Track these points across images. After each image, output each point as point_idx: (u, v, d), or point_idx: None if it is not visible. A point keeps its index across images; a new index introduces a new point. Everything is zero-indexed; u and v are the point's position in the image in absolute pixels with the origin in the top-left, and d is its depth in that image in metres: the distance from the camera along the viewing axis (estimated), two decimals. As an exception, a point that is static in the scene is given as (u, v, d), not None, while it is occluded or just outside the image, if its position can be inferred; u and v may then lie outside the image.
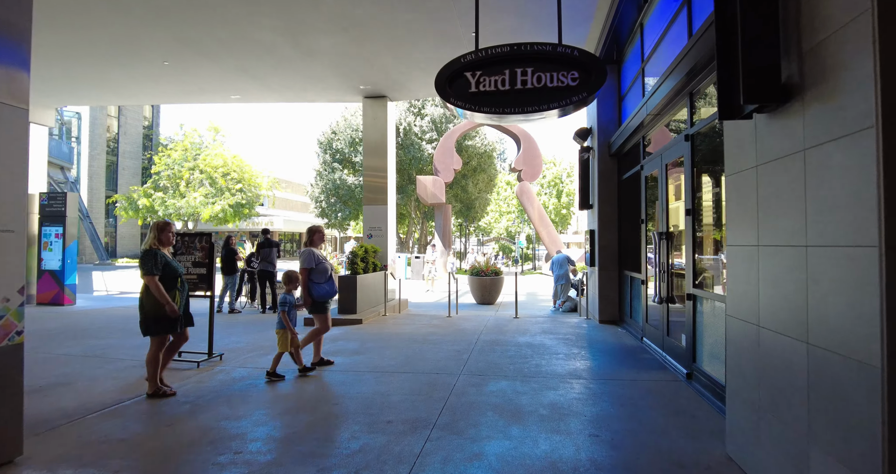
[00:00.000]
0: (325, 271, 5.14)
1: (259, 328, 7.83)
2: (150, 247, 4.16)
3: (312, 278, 5.09)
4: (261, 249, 9.93)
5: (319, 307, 5.17)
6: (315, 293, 5.08)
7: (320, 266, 5.15)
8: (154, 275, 4.04)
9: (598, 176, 7.83)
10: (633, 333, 6.67)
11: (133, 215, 24.18)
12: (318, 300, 5.13)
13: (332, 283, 5.19)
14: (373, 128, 10.40)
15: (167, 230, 4.27)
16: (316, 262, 5.09)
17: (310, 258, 5.07)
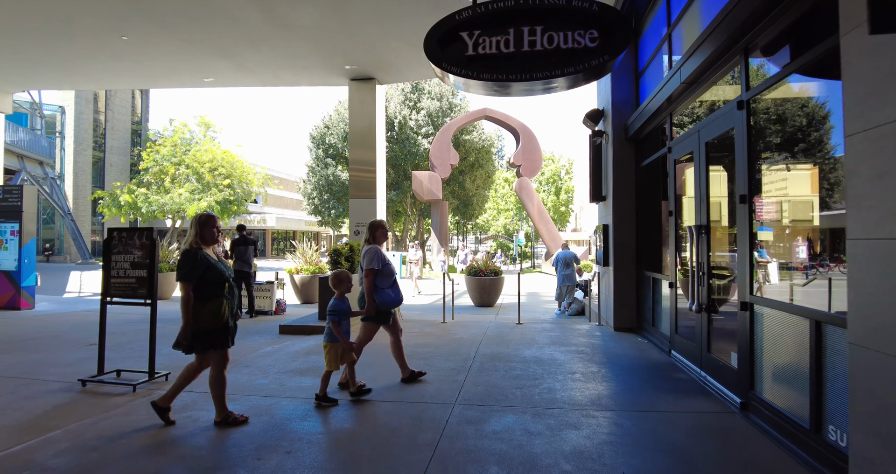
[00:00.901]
0: (390, 274, 4.35)
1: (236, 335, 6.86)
2: (189, 247, 3.39)
3: (378, 283, 4.26)
4: (235, 247, 8.97)
5: (382, 316, 4.36)
6: (379, 299, 4.24)
7: (387, 268, 4.29)
8: (189, 281, 3.27)
9: (612, 164, 6.89)
10: (658, 345, 5.74)
11: (116, 212, 23.12)
12: (384, 308, 4.29)
13: (397, 289, 4.42)
14: (360, 113, 9.43)
15: (211, 225, 3.48)
16: (382, 263, 4.24)
17: (376, 258, 4.23)
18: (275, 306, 9.39)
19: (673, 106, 5.23)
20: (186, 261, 3.30)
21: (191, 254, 3.34)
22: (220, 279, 3.39)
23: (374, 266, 4.21)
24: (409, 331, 7.07)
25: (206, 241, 3.45)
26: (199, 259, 3.32)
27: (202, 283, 3.31)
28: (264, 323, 8.21)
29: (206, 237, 3.45)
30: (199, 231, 3.42)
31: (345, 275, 4.03)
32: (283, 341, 6.52)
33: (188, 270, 3.27)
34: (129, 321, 8.37)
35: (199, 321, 3.30)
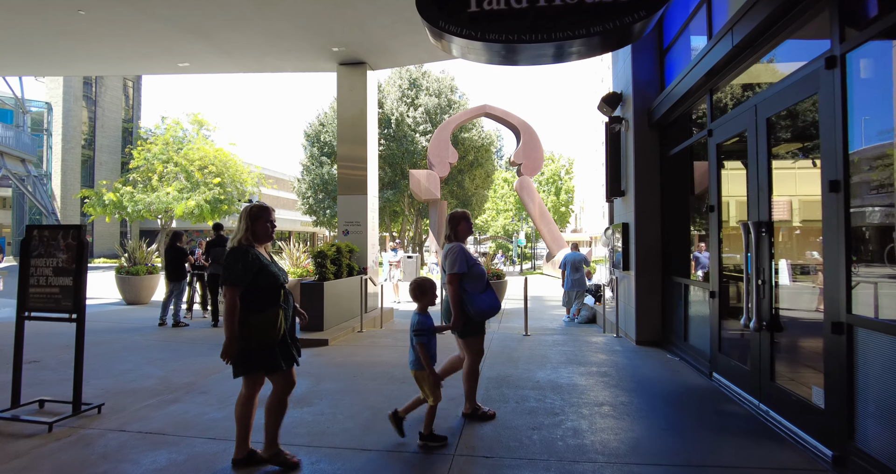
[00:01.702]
0: (480, 276, 3.49)
1: (199, 349, 6.00)
2: (238, 244, 2.75)
3: (465, 287, 3.42)
4: (211, 249, 8.09)
5: (476, 328, 3.50)
6: (473, 308, 3.38)
7: (475, 269, 3.45)
8: (238, 285, 2.63)
9: (633, 153, 6.04)
10: (693, 364, 4.88)
11: (101, 212, 22.23)
12: (478, 317, 3.43)
13: (492, 294, 3.50)
14: (350, 101, 8.57)
15: (264, 218, 2.83)
16: (469, 264, 3.44)
17: (460, 258, 3.42)
18: (256, 313, 8.51)
19: (715, 81, 4.37)
20: (235, 261, 2.65)
21: (240, 252, 2.68)
22: (274, 284, 2.74)
23: (459, 269, 3.37)
24: (403, 342, 6.20)
25: (259, 238, 2.79)
26: (251, 259, 2.67)
27: (253, 289, 2.67)
28: (241, 333, 7.33)
29: (259, 232, 2.78)
30: (251, 225, 2.76)
31: (429, 284, 3.20)
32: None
33: (237, 272, 2.62)
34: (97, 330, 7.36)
35: (248, 336, 2.63)
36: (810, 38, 3.17)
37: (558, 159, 58.77)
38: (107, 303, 11.86)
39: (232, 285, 2.61)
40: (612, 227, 6.89)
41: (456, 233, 3.57)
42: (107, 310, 10.43)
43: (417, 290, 3.19)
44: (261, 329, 2.62)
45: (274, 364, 2.68)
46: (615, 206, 6.91)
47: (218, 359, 5.57)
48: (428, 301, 3.19)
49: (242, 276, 2.61)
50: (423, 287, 3.18)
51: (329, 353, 5.67)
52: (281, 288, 2.77)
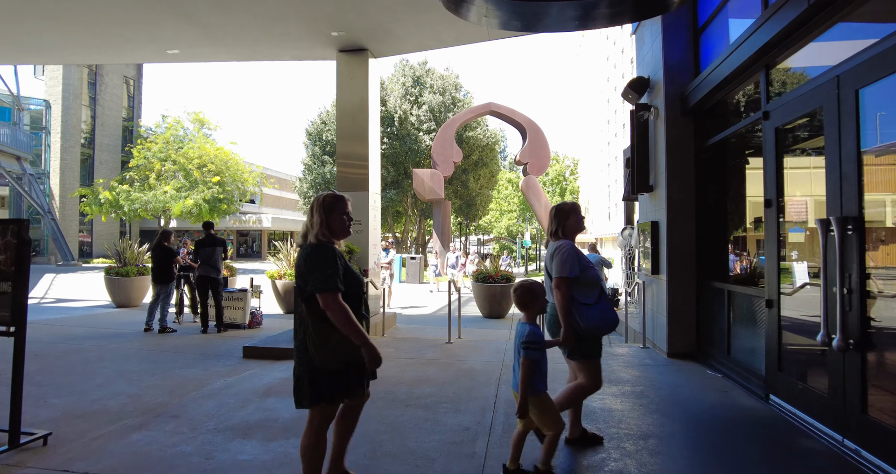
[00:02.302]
0: (593, 283, 2.89)
1: (183, 360, 5.40)
2: (318, 241, 2.26)
3: (576, 295, 2.82)
4: (200, 249, 7.50)
5: (589, 349, 2.91)
6: (585, 322, 2.78)
7: (588, 273, 2.86)
8: (337, 290, 2.17)
9: (665, 144, 5.41)
10: (741, 381, 4.25)
11: (98, 211, 21.70)
12: (591, 333, 2.82)
13: (607, 305, 2.88)
14: (349, 91, 7.97)
15: (340, 209, 2.33)
16: (581, 267, 2.85)
17: (571, 260, 2.82)
18: (248, 318, 7.93)
19: (774, 54, 3.74)
20: (324, 262, 2.17)
21: (326, 250, 2.21)
22: (358, 290, 2.32)
23: (570, 271, 2.78)
24: (407, 354, 5.58)
25: (336, 233, 2.30)
26: (337, 258, 2.22)
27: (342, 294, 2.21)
28: (232, 340, 6.74)
29: (335, 226, 2.29)
30: (325, 218, 2.27)
31: (538, 287, 2.60)
32: (243, 369, 5.05)
33: (331, 274, 2.15)
34: (76, 336, 6.73)
35: (328, 354, 2.18)
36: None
37: (563, 160, 58.16)
38: (95, 305, 11.31)
39: (330, 291, 2.12)
40: (640, 226, 6.27)
41: (564, 228, 2.96)
42: (93, 313, 9.87)
43: (527, 295, 2.57)
44: (342, 345, 2.17)
45: (360, 388, 2.27)
46: (642, 204, 6.29)
47: (199, 375, 4.99)
48: (539, 308, 2.59)
49: (337, 278, 2.14)
50: (534, 291, 2.56)
51: (324, 366, 5.05)
52: (361, 294, 2.33)
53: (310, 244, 2.24)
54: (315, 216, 2.27)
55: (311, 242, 2.25)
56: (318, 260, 2.17)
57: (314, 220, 2.27)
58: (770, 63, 3.87)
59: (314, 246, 2.22)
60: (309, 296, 2.16)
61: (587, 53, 60.73)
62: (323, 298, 2.11)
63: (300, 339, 2.23)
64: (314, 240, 2.25)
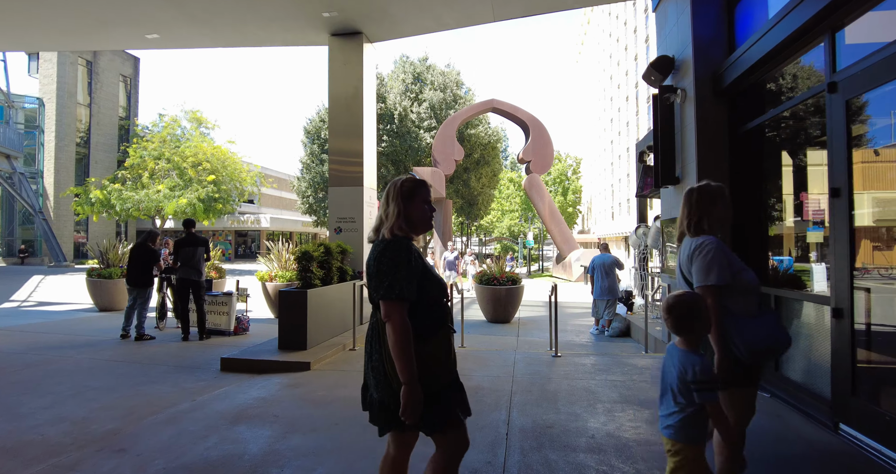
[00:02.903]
0: (751, 289, 2.14)
1: (153, 373, 4.78)
2: (393, 236, 1.81)
3: (730, 306, 2.09)
4: (180, 249, 6.88)
5: (747, 375, 2.09)
6: (744, 342, 2.01)
7: (743, 278, 2.12)
8: (402, 300, 1.70)
9: (696, 130, 4.79)
10: (798, 405, 3.62)
11: (89, 210, 21.12)
12: (755, 358, 2.04)
13: (772, 319, 2.11)
14: (343, 77, 7.36)
15: (420, 196, 1.88)
16: (733, 270, 2.11)
17: (719, 260, 2.09)
18: (233, 324, 7.31)
19: (842, 13, 3.12)
20: (395, 263, 1.72)
21: (401, 247, 1.75)
22: (441, 295, 1.85)
23: (717, 278, 2.06)
24: (403, 367, 4.98)
25: (416, 225, 1.85)
26: (415, 257, 1.76)
27: (418, 304, 1.76)
28: (213, 349, 6.13)
29: (415, 217, 1.84)
30: (404, 208, 1.82)
31: (701, 303, 1.89)
32: (217, 385, 4.43)
33: (401, 279, 1.70)
34: (44, 345, 6.01)
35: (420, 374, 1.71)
36: None
37: (565, 159, 57.54)
38: (77, 309, 10.72)
39: (399, 299, 1.68)
40: (663, 223, 5.64)
41: (709, 218, 2.22)
42: (72, 318, 9.27)
43: (690, 315, 1.86)
44: (431, 365, 1.72)
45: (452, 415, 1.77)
46: (665, 198, 5.66)
47: (166, 393, 4.37)
48: (704, 329, 1.90)
49: (409, 284, 1.70)
50: (698, 309, 1.87)
51: (309, 383, 4.43)
52: (444, 306, 1.87)
53: (383, 240, 1.79)
54: (391, 205, 1.82)
55: (385, 237, 1.79)
56: (390, 259, 1.72)
57: (390, 210, 1.82)
58: (837, 25, 3.24)
59: (388, 242, 1.76)
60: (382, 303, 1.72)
61: (589, 51, 60.15)
62: (385, 306, 1.68)
63: (375, 356, 1.77)
64: (389, 234, 1.79)
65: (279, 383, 4.46)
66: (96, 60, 34.37)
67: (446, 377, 1.78)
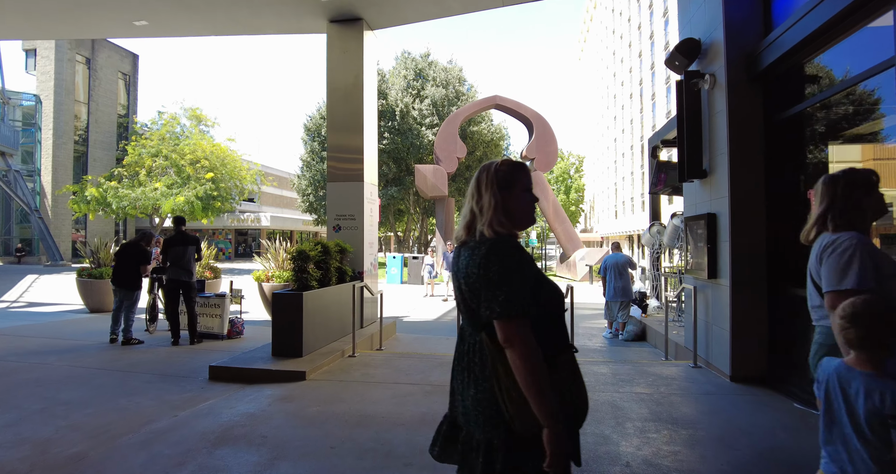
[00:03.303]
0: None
1: (133, 383, 4.38)
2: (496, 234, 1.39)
3: None
4: (170, 248, 6.49)
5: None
6: None
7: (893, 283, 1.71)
8: (526, 316, 1.28)
9: (727, 118, 4.37)
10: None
11: (85, 209, 20.73)
12: None
13: None
14: (342, 66, 6.95)
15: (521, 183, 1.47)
16: (882, 274, 1.68)
17: (863, 262, 1.68)
18: (227, 327, 6.91)
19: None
20: (505, 267, 1.34)
21: (509, 248, 1.37)
22: (559, 307, 1.45)
23: (859, 281, 1.67)
24: (407, 376, 4.55)
25: (518, 219, 1.45)
26: (527, 260, 1.37)
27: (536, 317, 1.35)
28: (203, 354, 5.74)
29: (517, 209, 1.44)
30: (502, 198, 1.43)
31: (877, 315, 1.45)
32: (203, 397, 4.03)
33: (518, 288, 1.31)
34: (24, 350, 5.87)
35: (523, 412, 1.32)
36: None
37: (567, 157, 57.08)
38: (67, 310, 10.34)
39: (517, 316, 1.28)
40: (687, 220, 5.22)
41: (858, 211, 1.82)
42: (60, 320, 8.89)
43: (884, 326, 1.44)
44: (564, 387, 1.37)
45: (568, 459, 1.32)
46: (689, 193, 5.24)
47: (145, 407, 3.93)
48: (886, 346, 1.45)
49: (525, 294, 1.31)
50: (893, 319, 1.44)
51: (303, 396, 4.03)
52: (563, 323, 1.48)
53: (483, 239, 1.38)
54: (486, 195, 1.42)
55: (485, 236, 1.38)
56: (500, 264, 1.32)
57: (484, 202, 1.42)
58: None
59: (494, 243, 1.36)
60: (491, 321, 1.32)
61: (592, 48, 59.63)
62: (504, 327, 1.28)
63: (482, 387, 1.36)
64: (489, 232, 1.38)
65: (270, 395, 4.06)
66: (94, 57, 33.99)
67: (583, 409, 1.41)
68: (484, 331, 1.35)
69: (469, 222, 1.44)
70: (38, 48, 31.90)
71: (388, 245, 45.18)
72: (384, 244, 45.19)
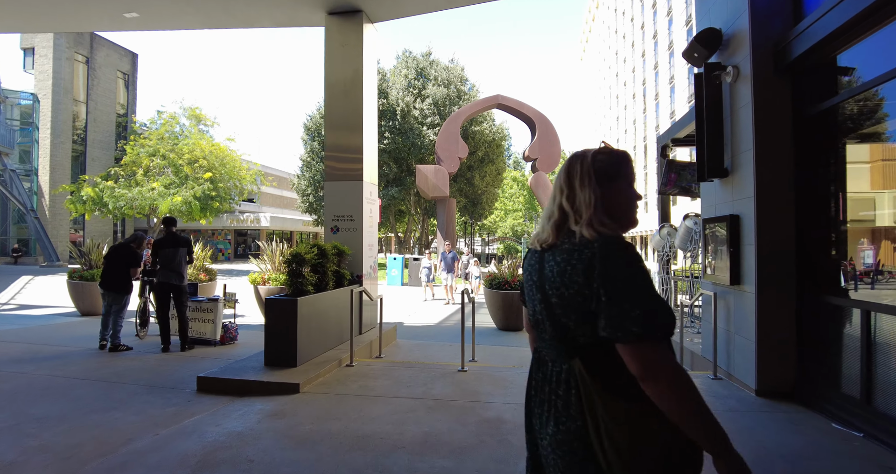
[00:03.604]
0: None
1: (120, 394, 4.08)
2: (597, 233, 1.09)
3: None
4: (160, 249, 6.19)
5: None
6: None
7: None
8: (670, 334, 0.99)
9: (753, 112, 4.07)
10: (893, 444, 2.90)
11: (81, 209, 20.44)
12: None
13: None
14: (340, 60, 6.66)
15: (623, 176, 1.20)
16: None
17: None
18: (220, 333, 6.62)
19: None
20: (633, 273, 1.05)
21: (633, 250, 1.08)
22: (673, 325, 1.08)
23: None
24: (407, 389, 4.25)
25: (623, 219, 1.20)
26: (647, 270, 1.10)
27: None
28: (194, 362, 5.45)
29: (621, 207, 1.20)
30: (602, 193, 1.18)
31: None
32: (189, 412, 3.74)
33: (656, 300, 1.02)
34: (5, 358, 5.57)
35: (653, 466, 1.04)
36: None
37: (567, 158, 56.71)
38: (59, 313, 10.07)
39: (663, 337, 1.03)
40: (706, 222, 4.91)
41: None
42: (50, 324, 8.60)
43: None
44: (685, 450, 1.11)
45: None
46: (708, 193, 4.94)
47: (126, 423, 3.53)
48: None
49: (668, 308, 1.05)
50: None
51: (295, 412, 3.72)
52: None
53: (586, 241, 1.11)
54: (582, 191, 1.18)
55: (586, 237, 1.12)
56: (630, 271, 1.06)
57: (583, 198, 1.18)
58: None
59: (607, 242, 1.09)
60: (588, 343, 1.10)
61: (594, 49, 59.31)
62: (642, 353, 1.01)
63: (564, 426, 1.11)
64: (589, 232, 1.12)
65: (261, 411, 3.75)
66: (93, 56, 33.74)
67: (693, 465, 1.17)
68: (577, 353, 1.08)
69: (558, 221, 1.17)
70: (36, 47, 31.65)
71: (388, 246, 44.88)
72: (385, 245, 44.91)
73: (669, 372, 0.99)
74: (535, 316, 1.22)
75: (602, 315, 1.04)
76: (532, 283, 1.21)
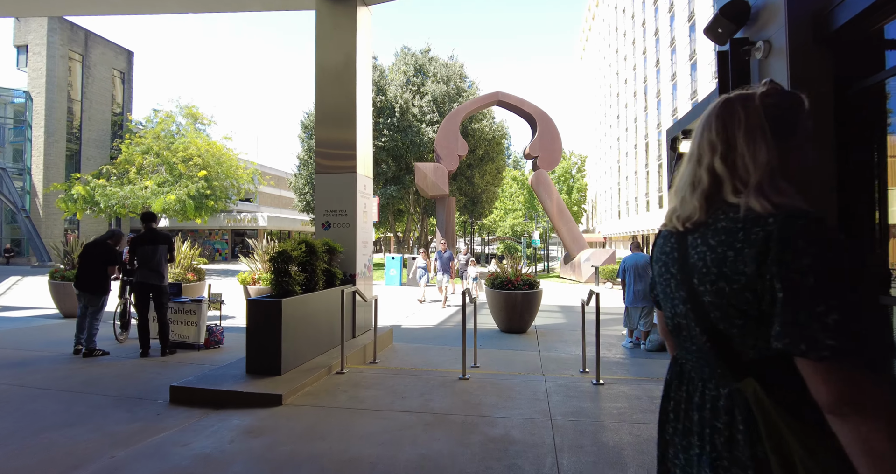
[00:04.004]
0: None
1: (84, 406, 3.64)
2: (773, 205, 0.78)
3: None
4: (139, 247, 5.76)
5: None
6: None
7: None
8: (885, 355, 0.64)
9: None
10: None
11: (73, 208, 19.99)
12: None
13: None
14: (332, 43, 6.22)
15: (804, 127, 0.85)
16: None
17: None
18: (204, 336, 6.17)
19: None
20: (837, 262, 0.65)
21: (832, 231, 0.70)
22: None
23: None
24: (401, 405, 3.81)
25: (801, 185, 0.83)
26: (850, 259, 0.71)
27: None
28: (173, 368, 5.01)
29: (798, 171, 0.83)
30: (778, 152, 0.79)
31: None
32: (156, 428, 3.29)
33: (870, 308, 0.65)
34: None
35: None
36: None
37: (570, 157, 56.36)
38: (40, 315, 9.61)
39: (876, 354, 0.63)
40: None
41: None
42: (28, 326, 8.14)
43: None
44: None
45: None
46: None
47: (80, 442, 2.99)
48: None
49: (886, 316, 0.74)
50: None
51: (276, 428, 3.28)
52: None
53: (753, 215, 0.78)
54: (755, 145, 0.82)
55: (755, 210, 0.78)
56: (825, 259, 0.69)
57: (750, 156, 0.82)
58: None
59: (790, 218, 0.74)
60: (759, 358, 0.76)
61: (594, 47, 58.94)
62: (838, 374, 0.66)
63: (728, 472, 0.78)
64: (760, 204, 0.78)
65: (237, 427, 3.31)
66: (88, 54, 33.30)
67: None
68: (752, 378, 0.77)
69: (708, 190, 0.83)
70: (29, 44, 31.19)
71: (387, 245, 44.46)
72: (384, 245, 44.45)
73: (885, 405, 0.64)
74: (674, 319, 0.88)
75: (777, 318, 0.69)
76: (669, 277, 0.87)
